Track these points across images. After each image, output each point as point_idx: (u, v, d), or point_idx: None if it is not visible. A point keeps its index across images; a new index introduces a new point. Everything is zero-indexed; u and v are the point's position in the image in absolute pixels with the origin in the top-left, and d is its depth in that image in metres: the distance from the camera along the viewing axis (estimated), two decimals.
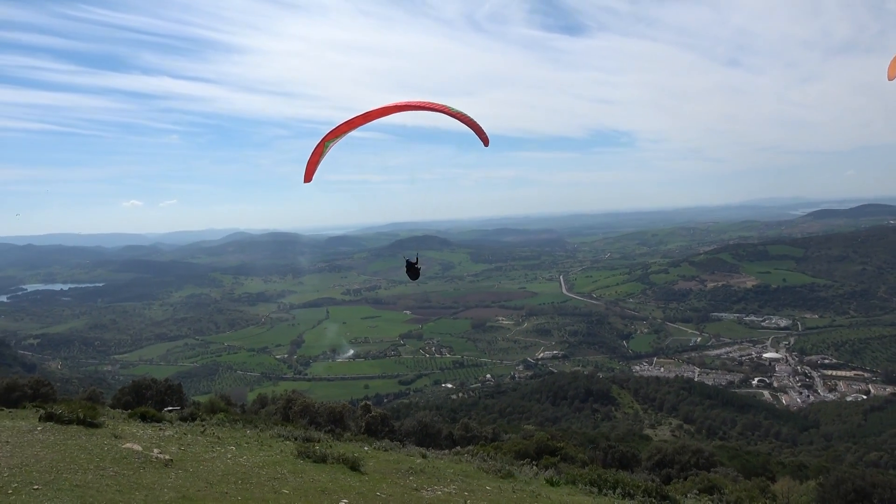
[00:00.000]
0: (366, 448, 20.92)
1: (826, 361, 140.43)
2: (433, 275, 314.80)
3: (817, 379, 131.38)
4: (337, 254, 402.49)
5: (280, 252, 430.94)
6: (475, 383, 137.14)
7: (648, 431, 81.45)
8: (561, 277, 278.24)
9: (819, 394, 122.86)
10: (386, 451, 20.83)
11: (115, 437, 15.53)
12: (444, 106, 19.95)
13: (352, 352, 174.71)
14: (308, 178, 20.64)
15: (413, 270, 24.49)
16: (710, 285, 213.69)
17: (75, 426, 16.29)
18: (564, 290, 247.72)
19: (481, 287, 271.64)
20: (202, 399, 39.82)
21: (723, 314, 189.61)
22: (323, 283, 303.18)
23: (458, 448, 28.76)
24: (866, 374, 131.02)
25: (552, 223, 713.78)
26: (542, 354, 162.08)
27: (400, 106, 19.45)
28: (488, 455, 23.08)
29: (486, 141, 22.11)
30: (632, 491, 17.29)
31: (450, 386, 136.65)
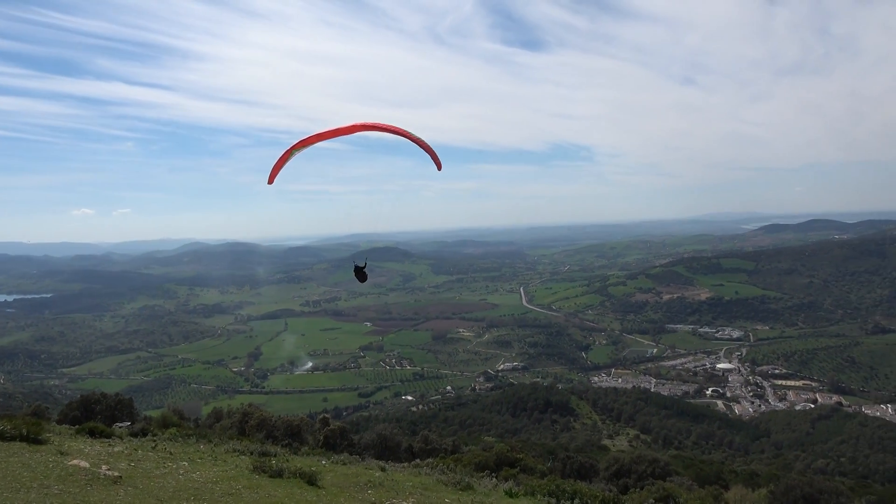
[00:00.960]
0: (324, 462, 20.65)
1: (776, 371, 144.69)
2: (394, 286, 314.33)
3: (768, 389, 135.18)
4: (296, 265, 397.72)
5: (238, 263, 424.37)
6: (435, 395, 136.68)
7: (607, 442, 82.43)
8: (521, 289, 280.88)
9: (770, 403, 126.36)
10: (344, 464, 20.60)
11: (61, 453, 14.99)
12: (405, 130, 21.75)
13: (311, 364, 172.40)
14: (271, 180, 22.47)
15: (361, 274, 27.20)
16: (666, 297, 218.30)
17: (18, 443, 15.67)
18: (525, 302, 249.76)
19: (442, 299, 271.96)
20: (154, 414, 38.74)
21: (678, 326, 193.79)
22: (281, 294, 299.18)
23: (418, 461, 28.60)
24: (814, 384, 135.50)
25: (513, 235, 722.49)
26: (502, 366, 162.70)
27: (367, 126, 21.36)
28: (448, 467, 23.02)
29: (439, 166, 24.52)
30: (589, 501, 17.46)
31: (410, 398, 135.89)
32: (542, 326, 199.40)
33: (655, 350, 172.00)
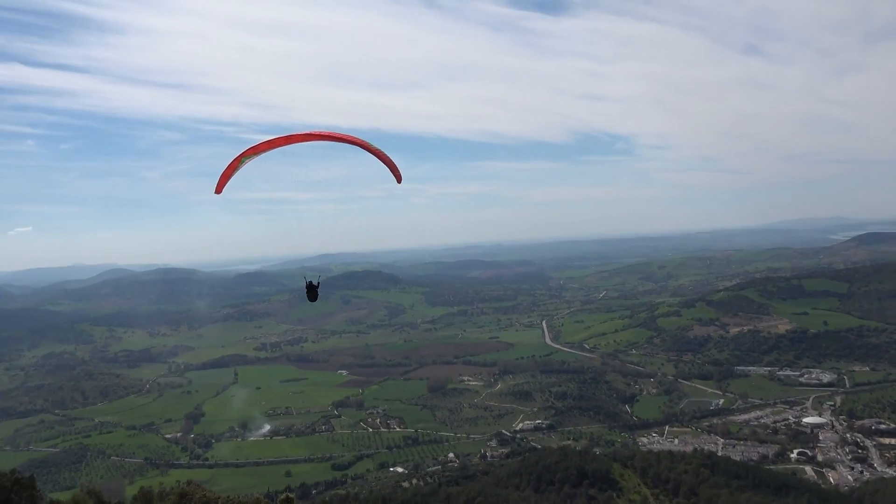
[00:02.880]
0: None
1: (882, 427, 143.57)
2: (377, 322, 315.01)
3: (872, 449, 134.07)
4: (249, 296, 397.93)
5: (171, 295, 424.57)
6: (434, 465, 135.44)
7: None
8: (544, 323, 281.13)
9: (875, 469, 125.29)
10: None
11: None
12: (362, 141, 25.67)
13: (268, 427, 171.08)
14: (219, 189, 25.62)
15: (312, 293, 31.04)
16: (734, 331, 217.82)
17: None
18: (548, 340, 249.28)
19: (440, 337, 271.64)
20: (64, 497, 38.13)
21: (750, 368, 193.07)
22: (230, 335, 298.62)
23: None
24: None
25: (531, 253, 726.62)
26: (521, 425, 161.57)
27: (323, 135, 24.83)
28: None
29: (398, 178, 29.89)
30: None
31: (400, 470, 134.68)
32: (573, 372, 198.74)
33: (722, 400, 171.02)
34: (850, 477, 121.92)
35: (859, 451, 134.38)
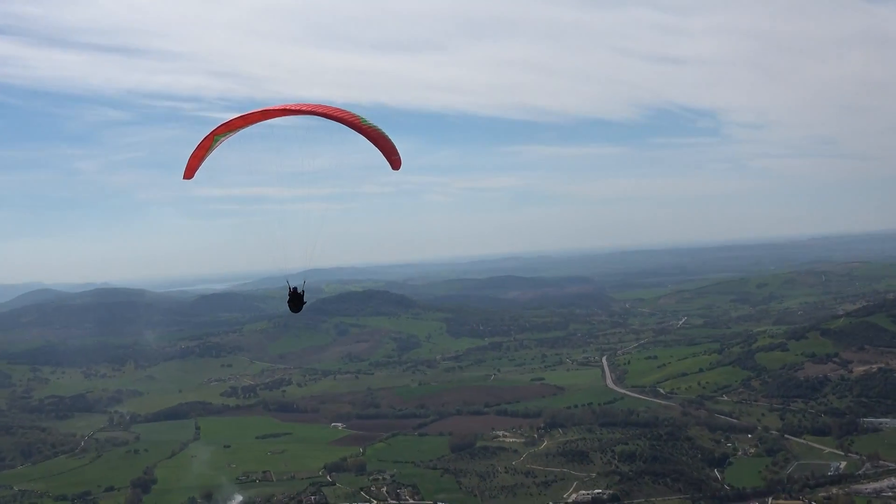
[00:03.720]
0: None
1: None
2: (384, 358, 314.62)
3: None
4: (215, 325, 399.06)
5: (113, 323, 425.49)
6: None
7: None
8: (604, 360, 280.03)
9: None
10: None
11: None
12: (353, 116, 26.88)
13: (240, 498, 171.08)
14: (189, 173, 27.65)
15: (296, 302, 34.65)
16: (859, 370, 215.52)
17: None
18: (610, 383, 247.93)
19: (466, 379, 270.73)
20: None
21: (882, 420, 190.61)
22: (189, 376, 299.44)
23: None
24: None
25: (586, 267, 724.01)
26: (574, 496, 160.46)
27: (304, 109, 25.39)
28: None
29: (394, 164, 31.67)
30: None
31: None
32: (643, 425, 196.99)
33: (844, 463, 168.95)
34: None
35: None
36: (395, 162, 30.74)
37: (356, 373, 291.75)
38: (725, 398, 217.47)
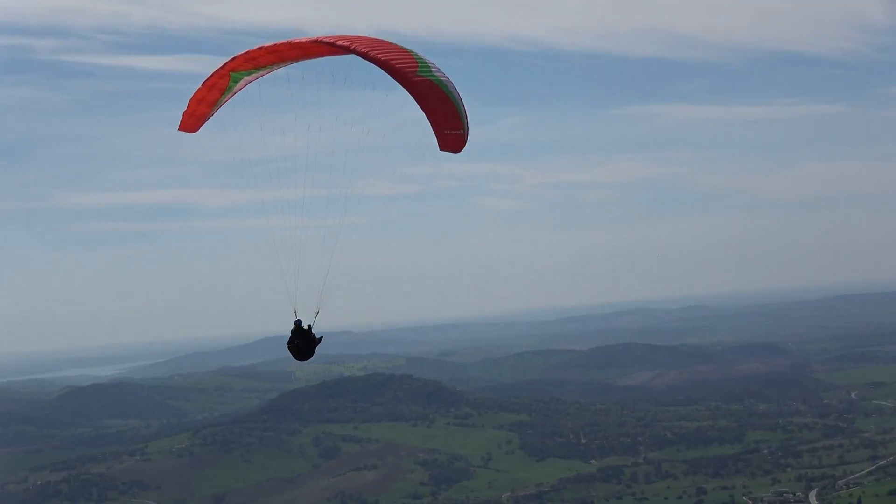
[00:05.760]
0: None
1: None
2: (406, 500, 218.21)
3: None
4: (95, 440, 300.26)
5: None
6: None
7: None
8: (812, 497, 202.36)
9: None
10: None
11: None
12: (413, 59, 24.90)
13: None
14: (194, 125, 28.07)
15: (305, 344, 28.46)
16: None
17: None
18: None
19: None
20: None
21: None
22: None
23: None
24: None
25: (772, 324, 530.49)
26: None
27: (342, 45, 25.34)
28: None
29: (454, 143, 26.89)
30: None
31: None
32: None
33: None
34: None
35: None
36: (453, 142, 26.02)
37: None
38: None
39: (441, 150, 26.64)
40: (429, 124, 26.29)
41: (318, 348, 30.37)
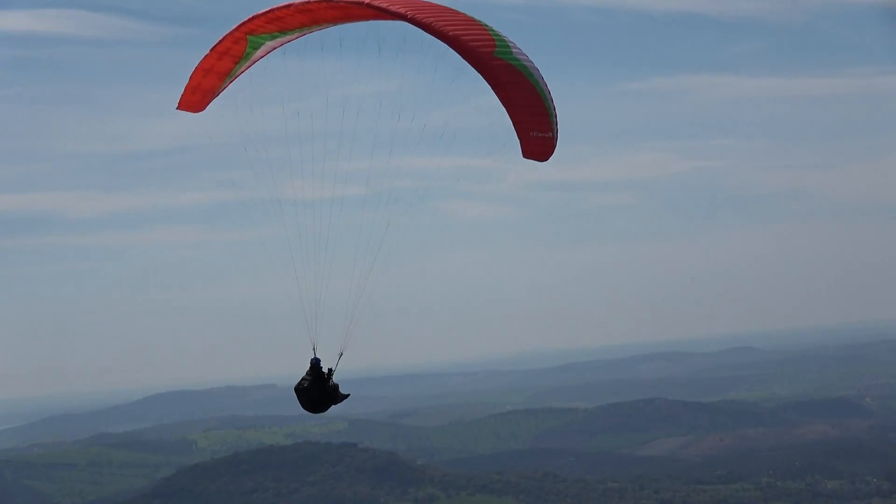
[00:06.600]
0: None
1: None
2: None
3: None
4: None
5: None
6: None
7: None
8: None
9: None
10: None
11: None
12: (489, 36, 19.67)
13: None
14: (199, 101, 22.14)
15: (320, 394, 21.21)
16: None
17: None
18: None
19: None
20: None
21: None
22: None
23: None
24: None
25: (846, 373, 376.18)
26: None
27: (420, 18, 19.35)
28: None
29: (536, 150, 21.24)
30: None
31: None
32: None
33: None
34: None
35: None
36: (537, 145, 20.32)
37: None
38: None
39: (525, 156, 21.27)
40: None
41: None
